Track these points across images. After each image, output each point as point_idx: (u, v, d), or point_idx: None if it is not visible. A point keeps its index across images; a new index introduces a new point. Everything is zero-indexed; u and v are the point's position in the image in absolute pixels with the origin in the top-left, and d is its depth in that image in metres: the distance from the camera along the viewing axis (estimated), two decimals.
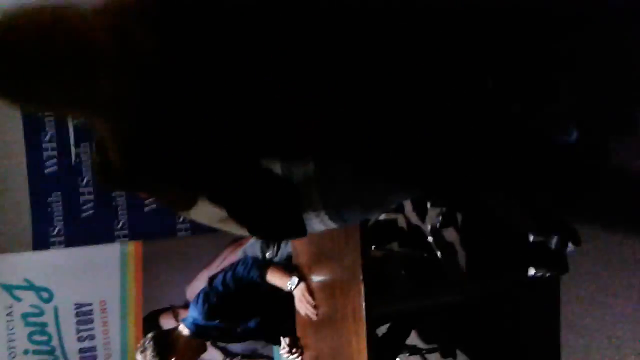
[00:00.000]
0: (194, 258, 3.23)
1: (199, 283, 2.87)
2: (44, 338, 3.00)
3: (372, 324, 1.90)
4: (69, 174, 3.14)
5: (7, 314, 2.92)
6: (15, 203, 3.15)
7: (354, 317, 1.93)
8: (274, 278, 2.25)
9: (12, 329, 2.92)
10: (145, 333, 2.59)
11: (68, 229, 3.15)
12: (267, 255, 2.60)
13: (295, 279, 2.22)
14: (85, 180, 3.16)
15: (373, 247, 2.53)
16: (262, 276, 2.24)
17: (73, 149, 3.13)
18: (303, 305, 2.21)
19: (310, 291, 2.21)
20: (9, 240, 3.18)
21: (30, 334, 2.97)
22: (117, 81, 0.92)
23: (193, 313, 2.22)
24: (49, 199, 3.13)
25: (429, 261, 2.52)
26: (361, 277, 1.85)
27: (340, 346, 2.07)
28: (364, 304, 1.85)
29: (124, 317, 3.12)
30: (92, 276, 3.05)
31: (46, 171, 3.11)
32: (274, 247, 2.59)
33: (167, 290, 3.11)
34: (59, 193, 3.14)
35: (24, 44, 0.85)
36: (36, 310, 2.99)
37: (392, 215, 2.77)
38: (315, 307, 2.18)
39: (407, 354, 2.73)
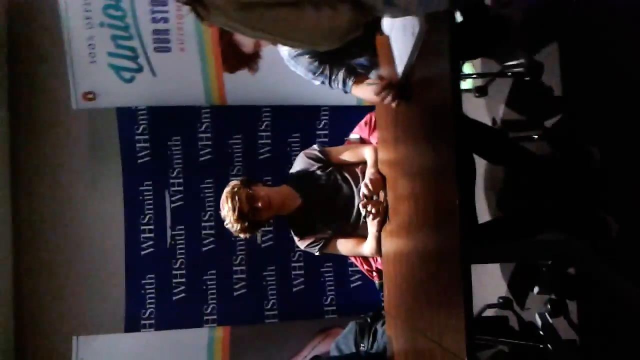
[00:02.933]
0: (281, 345, 3.07)
1: None
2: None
3: None
4: (163, 256, 3.18)
5: None
6: (112, 284, 3.18)
7: None
8: None
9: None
10: None
11: (159, 312, 3.11)
12: (361, 347, 2.43)
13: None
14: (178, 263, 3.17)
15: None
16: None
17: (169, 232, 3.18)
18: None
19: None
20: (102, 321, 3.18)
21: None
22: None
23: None
24: (143, 281, 3.14)
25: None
26: None
27: None
28: None
29: None
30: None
31: (142, 253, 3.16)
32: (369, 338, 2.41)
33: None
34: (153, 275, 3.15)
35: None
36: None
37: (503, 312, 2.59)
38: None
39: None
